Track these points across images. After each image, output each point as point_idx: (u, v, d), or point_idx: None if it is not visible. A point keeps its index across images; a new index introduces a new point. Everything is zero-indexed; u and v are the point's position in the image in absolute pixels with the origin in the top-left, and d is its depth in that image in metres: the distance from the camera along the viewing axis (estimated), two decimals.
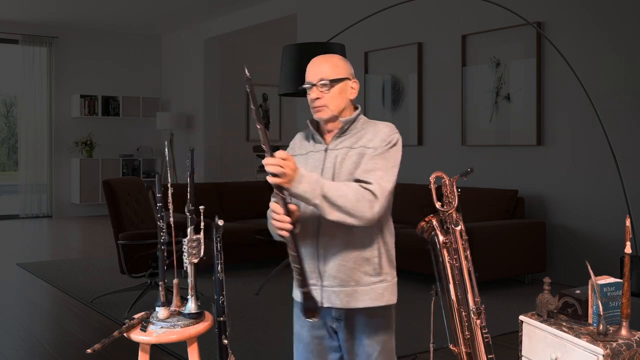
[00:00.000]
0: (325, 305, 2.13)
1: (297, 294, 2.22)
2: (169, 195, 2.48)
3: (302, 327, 2.25)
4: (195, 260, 2.29)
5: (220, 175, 11.35)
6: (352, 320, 2.16)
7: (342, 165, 2.09)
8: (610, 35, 5.44)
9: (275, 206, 2.00)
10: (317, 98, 2.11)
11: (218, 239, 2.17)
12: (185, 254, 2.28)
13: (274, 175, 1.94)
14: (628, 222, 2.12)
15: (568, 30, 5.73)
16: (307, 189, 1.96)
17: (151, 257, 4.75)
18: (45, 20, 10.74)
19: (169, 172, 2.46)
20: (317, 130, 2.19)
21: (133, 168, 11.81)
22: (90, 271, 6.34)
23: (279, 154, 1.95)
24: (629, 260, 2.09)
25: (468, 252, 2.75)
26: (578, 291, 2.32)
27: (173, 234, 2.48)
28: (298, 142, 2.26)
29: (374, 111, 7.59)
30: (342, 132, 2.15)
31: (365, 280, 2.12)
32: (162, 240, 2.33)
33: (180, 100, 11.76)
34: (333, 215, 1.98)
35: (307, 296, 2.07)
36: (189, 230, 2.31)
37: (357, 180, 2.03)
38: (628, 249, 2.08)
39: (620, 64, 5.38)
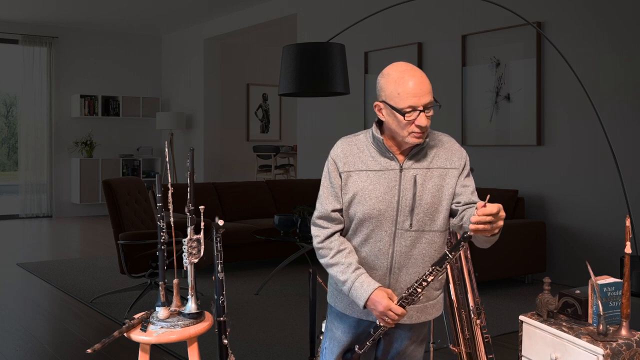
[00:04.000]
0: None
1: (338, 304, 2.21)
2: (169, 195, 2.48)
3: (344, 334, 2.22)
4: (195, 260, 2.28)
5: (220, 175, 11.35)
6: (398, 323, 2.18)
7: (424, 187, 2.05)
8: (610, 35, 5.44)
9: (394, 307, 1.99)
10: (427, 125, 2.00)
11: (218, 239, 2.17)
12: (185, 254, 2.27)
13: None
14: (628, 222, 2.12)
15: (568, 30, 5.73)
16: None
17: (151, 257, 4.75)
18: (45, 20, 10.75)
19: (169, 172, 2.47)
20: (383, 146, 2.08)
21: (133, 168, 11.81)
22: (90, 271, 6.34)
23: (494, 209, 1.84)
24: (629, 260, 2.09)
25: (468, 252, 2.75)
26: (578, 291, 2.32)
27: (173, 234, 2.48)
28: (350, 155, 2.11)
29: (374, 111, 7.59)
30: (417, 150, 2.08)
31: (434, 295, 2.17)
32: (162, 240, 2.32)
33: (180, 100, 11.76)
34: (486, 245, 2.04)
35: (357, 356, 2.17)
36: (189, 230, 2.30)
37: (470, 202, 2.07)
38: (628, 249, 2.08)
39: (620, 64, 5.38)
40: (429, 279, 1.97)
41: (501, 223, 1.86)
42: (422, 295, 2.01)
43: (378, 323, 2.06)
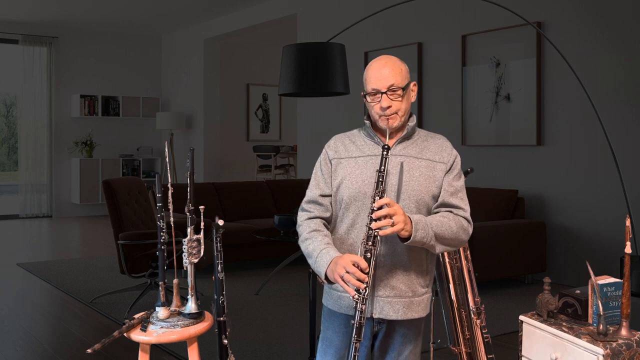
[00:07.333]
0: (376, 316, 2.09)
1: (328, 301, 2.20)
2: (169, 195, 2.48)
3: (335, 333, 2.20)
4: (195, 260, 2.28)
5: (220, 175, 11.35)
6: (392, 328, 2.16)
7: (411, 174, 2.07)
8: (610, 35, 5.44)
9: (359, 259, 1.93)
10: (389, 106, 2.04)
11: (218, 239, 2.17)
12: (185, 254, 2.27)
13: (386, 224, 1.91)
14: (628, 222, 2.12)
15: (568, 30, 5.73)
16: (424, 234, 1.95)
17: (151, 257, 4.75)
18: (45, 20, 10.75)
19: (169, 172, 2.47)
20: (371, 131, 2.14)
21: (133, 168, 11.81)
22: (90, 271, 6.34)
23: (382, 201, 1.90)
24: (629, 260, 2.09)
25: (468, 252, 2.75)
26: (578, 291, 2.32)
27: (173, 234, 2.48)
28: (342, 145, 2.18)
29: None
30: (405, 138, 2.11)
31: (420, 291, 2.14)
32: (162, 240, 2.32)
33: (180, 100, 11.76)
34: (439, 249, 2.02)
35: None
36: (189, 230, 2.30)
37: (445, 204, 2.07)
38: (628, 249, 2.08)
39: (620, 64, 5.38)
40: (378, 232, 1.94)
41: (398, 218, 1.89)
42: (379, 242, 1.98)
43: (352, 297, 1.95)
